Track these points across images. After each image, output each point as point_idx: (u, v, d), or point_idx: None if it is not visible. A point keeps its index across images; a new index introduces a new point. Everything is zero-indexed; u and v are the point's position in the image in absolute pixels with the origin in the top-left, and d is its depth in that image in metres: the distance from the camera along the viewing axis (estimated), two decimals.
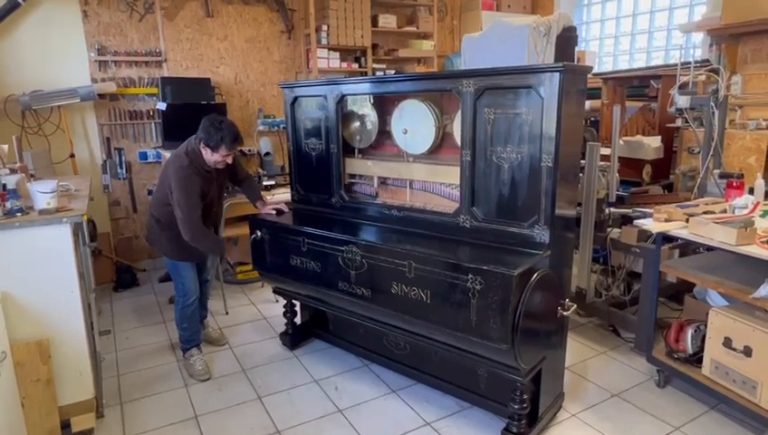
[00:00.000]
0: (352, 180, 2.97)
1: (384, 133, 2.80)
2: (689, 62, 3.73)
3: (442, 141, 2.59)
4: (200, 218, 2.68)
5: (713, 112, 3.43)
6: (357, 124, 2.89)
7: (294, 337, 3.25)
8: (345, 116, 2.84)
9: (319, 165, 2.94)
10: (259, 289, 4.32)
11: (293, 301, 3.20)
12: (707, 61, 4.36)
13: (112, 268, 4.45)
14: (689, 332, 2.63)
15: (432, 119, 2.54)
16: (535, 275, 2.01)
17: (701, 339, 2.61)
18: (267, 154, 4.55)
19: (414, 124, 2.60)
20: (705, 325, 2.62)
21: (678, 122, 3.81)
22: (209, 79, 4.53)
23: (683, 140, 4.05)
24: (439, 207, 2.57)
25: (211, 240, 2.84)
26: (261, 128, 4.87)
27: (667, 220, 2.55)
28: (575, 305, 2.34)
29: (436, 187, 2.62)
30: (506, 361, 2.06)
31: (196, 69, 4.63)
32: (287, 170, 4.88)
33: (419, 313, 2.24)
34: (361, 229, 2.67)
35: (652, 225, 2.56)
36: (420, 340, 2.39)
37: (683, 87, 3.63)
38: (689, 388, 2.67)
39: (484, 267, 1.98)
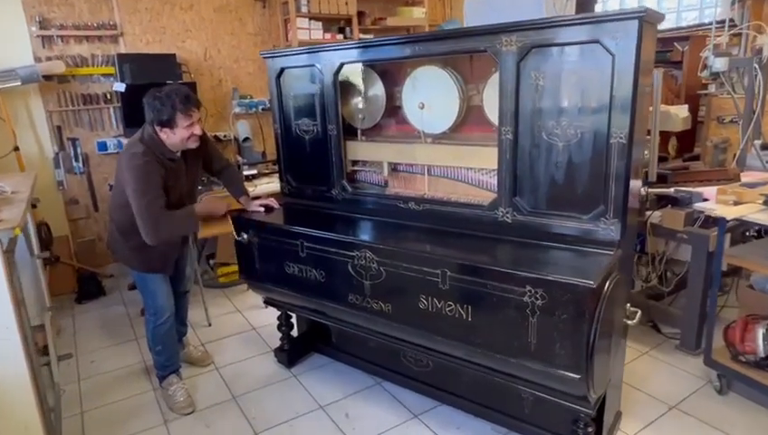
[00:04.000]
0: (355, 168, 2.48)
1: (393, 109, 2.32)
2: (723, 22, 3.34)
3: (466, 117, 2.13)
4: (162, 209, 2.14)
5: (755, 75, 3.05)
6: (358, 100, 2.39)
7: (291, 353, 2.78)
8: (344, 90, 2.34)
9: (314, 150, 2.44)
10: (244, 293, 3.82)
11: (289, 312, 2.72)
12: (731, 21, 3.95)
13: (73, 276, 3.88)
14: (760, 331, 2.26)
15: (456, 89, 2.06)
16: (608, 284, 1.58)
17: None
18: (246, 139, 4.01)
19: (432, 96, 2.12)
20: None
21: (712, 88, 3.43)
22: (174, 55, 3.94)
23: (711, 109, 3.66)
24: (468, 197, 2.11)
25: (179, 221, 2.26)
26: (237, 110, 4.31)
27: (736, 203, 2.14)
28: (639, 311, 1.93)
29: (461, 172, 2.16)
30: (575, 391, 1.64)
31: (159, 44, 4.03)
32: (269, 158, 4.40)
33: (457, 333, 1.79)
34: (373, 228, 2.21)
35: (721, 209, 2.15)
36: (455, 362, 1.95)
37: (717, 48, 3.23)
38: (756, 394, 2.31)
39: (550, 277, 1.53)
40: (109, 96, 3.91)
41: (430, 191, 2.25)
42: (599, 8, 5.17)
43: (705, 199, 2.60)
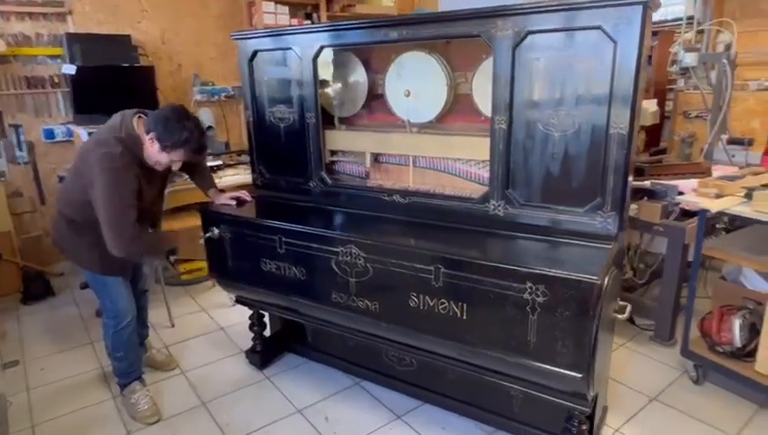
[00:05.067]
0: (333, 158, 2.35)
1: (374, 97, 2.20)
2: (692, 18, 3.40)
3: (452, 106, 2.04)
4: (136, 223, 1.96)
5: (724, 71, 3.11)
6: (338, 86, 2.26)
7: (264, 354, 2.63)
8: (322, 75, 2.20)
9: (290, 140, 2.29)
10: (208, 290, 3.62)
11: (261, 311, 2.57)
12: (693, 17, 4.04)
13: (18, 275, 3.55)
14: (736, 322, 2.29)
15: (444, 76, 1.97)
16: (607, 279, 1.53)
17: (748, 329, 2.28)
18: (209, 128, 3.79)
19: (418, 84, 2.02)
20: (751, 312, 2.31)
21: (680, 83, 3.49)
22: (129, 36, 3.67)
23: (677, 104, 3.74)
24: (455, 190, 2.03)
25: (153, 244, 2.12)
26: (198, 97, 4.07)
27: (717, 196, 2.16)
28: (629, 305, 1.91)
29: (448, 164, 2.07)
30: (575, 389, 1.59)
31: (112, 24, 3.74)
32: (233, 148, 4.19)
33: (450, 332, 1.71)
34: (356, 222, 2.09)
35: (705, 202, 2.15)
36: (445, 362, 1.87)
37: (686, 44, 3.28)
38: (731, 383, 2.35)
39: (552, 273, 1.47)
40: (56, 79, 3.60)
41: (415, 183, 2.16)
42: None
43: (681, 193, 2.63)
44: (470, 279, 1.61)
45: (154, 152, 1.97)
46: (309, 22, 4.40)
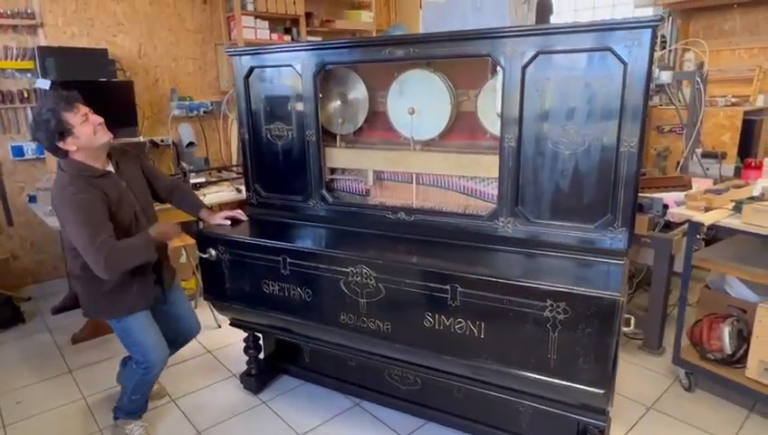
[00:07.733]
0: (332, 176, 2.32)
1: (375, 114, 2.19)
2: (664, 37, 3.56)
3: (454, 124, 2.06)
4: (111, 238, 1.84)
5: (697, 88, 3.26)
6: (338, 103, 2.24)
7: (260, 377, 2.55)
8: (321, 92, 2.18)
9: (288, 158, 2.25)
10: None
11: (257, 333, 2.49)
12: (662, 37, 4.24)
13: None
14: (725, 329, 2.38)
15: (448, 94, 1.98)
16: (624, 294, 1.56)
17: (737, 336, 2.37)
18: (190, 144, 3.68)
19: (422, 101, 2.02)
20: (738, 320, 2.40)
21: (655, 100, 3.63)
22: (106, 50, 3.54)
23: (651, 119, 3.89)
24: (459, 207, 2.04)
25: (134, 249, 1.90)
26: (176, 112, 3.96)
27: (706, 209, 2.24)
28: (632, 317, 1.95)
29: (452, 181, 2.08)
30: (596, 405, 1.60)
31: (87, 37, 3.60)
32: (212, 164, 4.10)
33: (468, 351, 1.70)
34: (361, 241, 2.05)
35: (697, 215, 2.23)
36: (459, 381, 1.85)
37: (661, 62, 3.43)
38: (721, 389, 2.43)
39: (574, 290, 1.48)
40: (26, 94, 3.43)
41: (418, 201, 2.15)
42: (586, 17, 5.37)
43: (666, 205, 2.72)
44: (489, 298, 1.61)
45: (79, 142, 1.86)
46: (289, 37, 4.37)
